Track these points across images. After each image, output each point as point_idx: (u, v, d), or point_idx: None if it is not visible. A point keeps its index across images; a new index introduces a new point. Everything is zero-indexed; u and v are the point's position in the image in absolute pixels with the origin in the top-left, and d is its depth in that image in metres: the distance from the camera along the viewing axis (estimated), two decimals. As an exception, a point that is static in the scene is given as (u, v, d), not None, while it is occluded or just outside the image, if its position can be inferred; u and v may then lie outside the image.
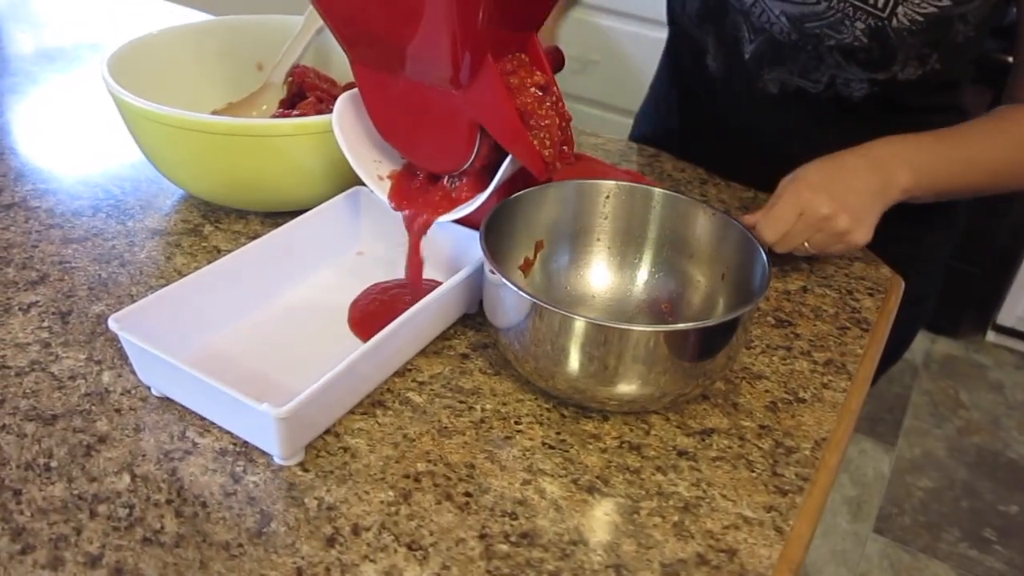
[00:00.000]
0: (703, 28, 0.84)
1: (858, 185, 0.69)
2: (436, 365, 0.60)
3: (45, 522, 0.46)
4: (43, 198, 0.75)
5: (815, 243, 0.70)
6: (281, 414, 0.46)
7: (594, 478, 0.52)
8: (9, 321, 0.60)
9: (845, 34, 0.73)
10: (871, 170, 0.69)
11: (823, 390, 0.61)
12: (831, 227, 0.68)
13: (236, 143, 0.66)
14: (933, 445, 1.82)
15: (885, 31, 0.71)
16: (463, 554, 0.46)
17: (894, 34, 0.71)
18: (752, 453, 0.55)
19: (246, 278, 0.61)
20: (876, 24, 0.71)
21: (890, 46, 0.72)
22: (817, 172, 0.69)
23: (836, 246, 0.70)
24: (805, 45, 0.76)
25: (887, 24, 0.70)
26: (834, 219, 0.67)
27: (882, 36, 0.71)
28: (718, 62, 0.85)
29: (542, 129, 0.58)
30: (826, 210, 0.67)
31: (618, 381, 0.52)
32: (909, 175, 0.70)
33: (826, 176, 0.69)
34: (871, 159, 0.70)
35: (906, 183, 0.70)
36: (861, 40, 0.72)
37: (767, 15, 0.76)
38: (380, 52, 0.58)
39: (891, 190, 0.70)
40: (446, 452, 0.53)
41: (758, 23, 0.78)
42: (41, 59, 1.04)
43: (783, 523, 0.50)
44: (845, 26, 0.72)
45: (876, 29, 0.71)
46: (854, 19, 0.71)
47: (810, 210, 0.67)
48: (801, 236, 0.69)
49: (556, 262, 0.66)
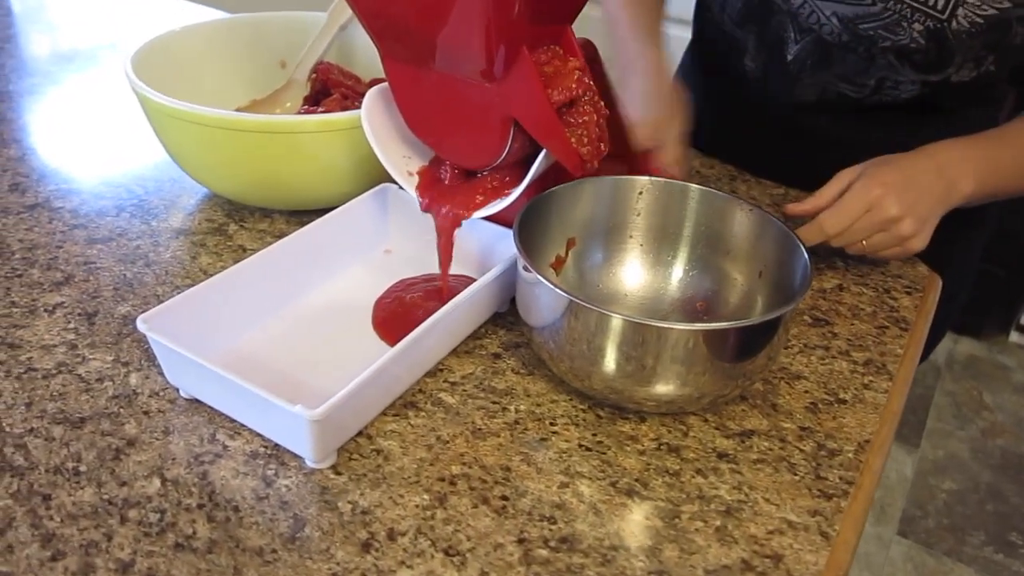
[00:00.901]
0: (745, 28, 0.83)
1: (926, 190, 0.67)
2: (468, 365, 0.58)
3: (75, 528, 0.45)
4: (66, 198, 0.75)
5: (873, 243, 0.68)
6: (315, 416, 0.45)
7: (633, 481, 0.51)
8: (35, 323, 0.60)
9: (901, 35, 0.71)
10: (937, 175, 0.68)
11: (864, 391, 0.59)
12: (896, 230, 0.66)
13: (261, 140, 0.65)
14: (957, 447, 1.80)
15: (944, 33, 0.69)
16: (501, 559, 0.45)
17: (952, 36, 0.69)
18: (794, 456, 0.53)
19: (273, 277, 0.60)
20: (935, 26, 0.69)
21: (948, 48, 0.70)
22: (890, 172, 0.67)
23: (893, 249, 0.68)
24: (856, 47, 0.74)
25: (946, 26, 0.68)
26: (900, 222, 0.66)
27: (940, 38, 0.70)
28: (757, 63, 0.84)
29: (580, 126, 0.56)
30: (895, 211, 0.65)
31: (656, 381, 0.51)
32: (972, 181, 0.68)
33: (899, 177, 0.67)
34: (937, 163, 0.68)
35: (969, 189, 0.68)
36: (918, 42, 0.70)
37: (816, 15, 0.74)
38: (410, 45, 0.57)
39: (953, 196, 0.68)
40: (481, 454, 0.51)
41: (806, 24, 0.76)
42: (59, 60, 1.04)
43: (828, 528, 0.49)
44: (902, 27, 0.70)
45: (934, 31, 0.69)
46: (911, 20, 0.69)
47: (878, 208, 0.66)
48: (862, 233, 0.67)
49: (588, 259, 0.65)
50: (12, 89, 0.95)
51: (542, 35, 0.56)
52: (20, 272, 0.64)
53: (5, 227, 0.70)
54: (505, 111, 0.56)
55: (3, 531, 0.45)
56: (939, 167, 0.68)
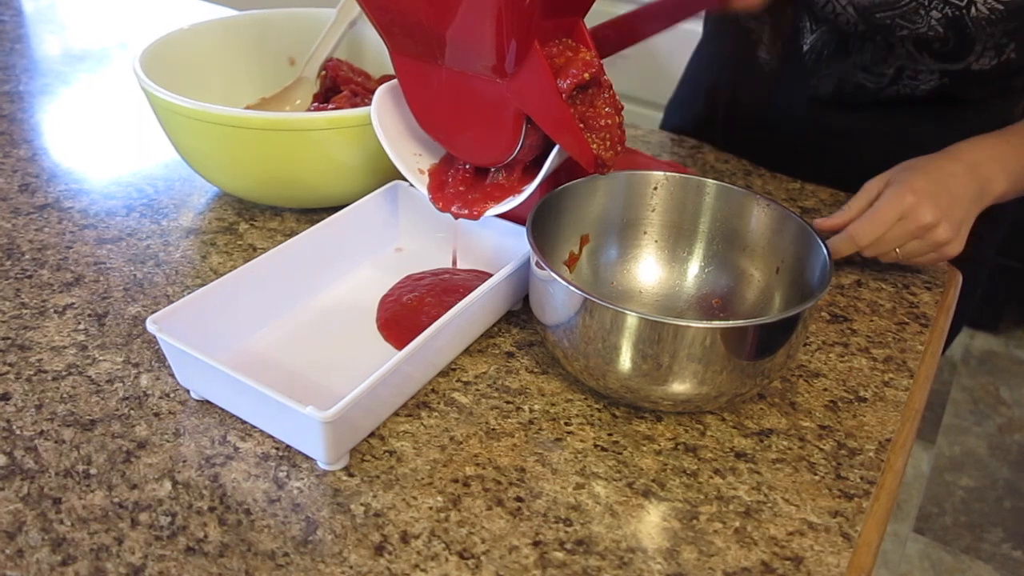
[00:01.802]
0: (759, 19, 0.82)
1: (959, 193, 0.65)
2: (481, 364, 0.58)
3: (86, 532, 0.45)
4: (76, 198, 0.74)
5: (907, 251, 0.66)
6: (327, 417, 0.45)
7: (650, 481, 0.50)
8: (45, 324, 0.59)
9: (919, 24, 0.69)
10: (969, 176, 0.66)
11: (884, 388, 0.58)
12: (931, 236, 0.65)
13: (271, 138, 0.64)
14: (974, 443, 1.78)
15: (963, 20, 0.67)
16: (517, 562, 0.44)
17: (972, 23, 0.68)
18: (813, 455, 0.52)
19: (284, 277, 0.59)
20: (953, 13, 0.67)
21: (968, 36, 0.69)
22: (920, 178, 0.66)
23: (929, 255, 0.67)
24: (873, 36, 0.73)
25: (965, 13, 0.67)
26: (936, 228, 0.64)
27: (959, 25, 0.68)
28: (772, 55, 0.82)
29: (602, 129, 0.55)
30: (930, 218, 0.64)
31: (672, 380, 0.50)
32: (1005, 180, 0.66)
33: (930, 183, 0.65)
34: (967, 164, 0.66)
35: (1001, 189, 0.67)
36: (936, 30, 0.69)
37: (832, 5, 0.72)
38: (420, 40, 0.56)
39: (986, 196, 0.67)
40: (495, 455, 0.51)
41: (821, 14, 0.75)
42: (70, 60, 1.03)
43: (850, 529, 0.48)
44: (919, 15, 0.69)
45: (953, 18, 0.68)
46: (929, 8, 0.68)
47: (912, 216, 0.64)
48: (896, 242, 0.66)
49: (603, 256, 0.64)
50: (23, 89, 0.94)
51: (554, 28, 0.55)
52: (30, 273, 0.64)
53: (15, 228, 0.69)
54: (517, 107, 0.55)
55: (13, 535, 0.44)
56: (969, 168, 0.66)
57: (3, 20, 1.14)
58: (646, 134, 0.93)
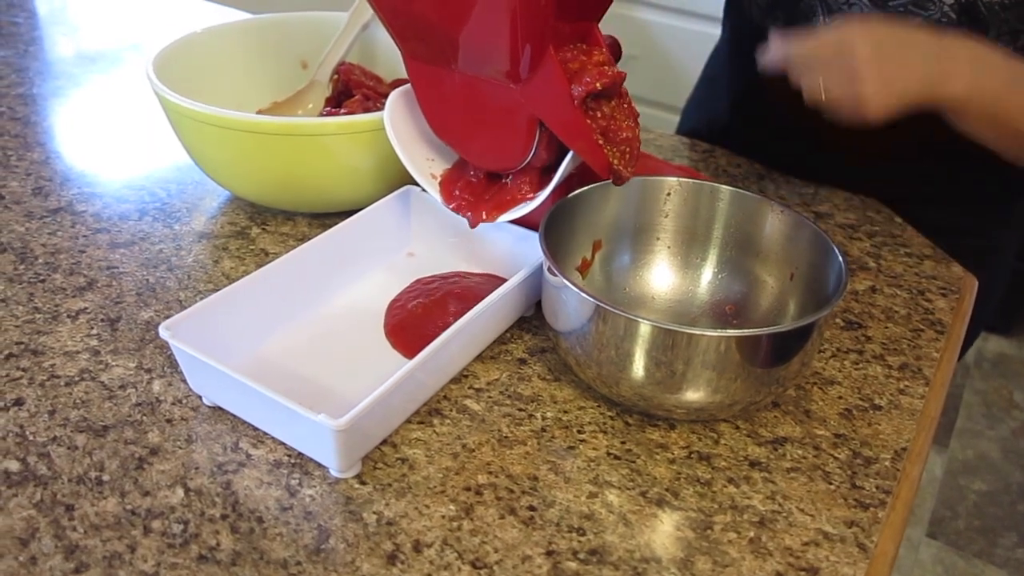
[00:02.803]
0: (772, 16, 0.81)
1: (912, 63, 0.61)
2: (493, 371, 0.57)
3: (98, 539, 0.44)
4: (89, 202, 0.74)
5: (830, 82, 0.61)
6: (339, 425, 0.44)
7: (663, 490, 0.49)
8: (57, 329, 0.59)
9: (932, 11, 0.69)
10: (934, 57, 0.62)
11: (900, 396, 0.58)
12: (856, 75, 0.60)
13: (283, 142, 0.64)
14: (987, 447, 1.76)
15: (976, 7, 0.67)
16: (530, 572, 0.44)
17: (985, 9, 0.67)
18: (828, 464, 0.52)
19: (296, 283, 0.59)
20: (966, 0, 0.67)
21: (981, 22, 0.68)
22: (884, 26, 0.62)
23: (846, 100, 0.61)
24: None
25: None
26: (863, 71, 0.59)
27: (973, 12, 0.67)
28: None
29: (622, 143, 0.55)
30: (864, 54, 0.59)
31: (686, 388, 0.50)
32: (965, 86, 0.61)
33: (890, 34, 0.61)
34: (942, 47, 0.62)
35: (958, 92, 0.62)
36: (949, 16, 0.68)
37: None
38: (433, 44, 0.56)
39: (938, 89, 0.62)
40: (507, 463, 0.50)
41: (835, 5, 0.74)
42: (83, 62, 1.04)
43: (866, 540, 0.47)
44: (932, 3, 0.68)
45: (966, 5, 0.67)
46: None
47: (848, 46, 0.60)
48: (823, 66, 0.61)
49: (615, 262, 0.63)
50: (36, 92, 0.95)
51: (568, 33, 0.55)
52: (43, 277, 0.64)
53: (28, 232, 0.70)
54: (531, 113, 0.55)
55: (27, 542, 0.44)
56: (941, 50, 0.62)
57: (17, 22, 1.14)
58: (657, 137, 0.92)
